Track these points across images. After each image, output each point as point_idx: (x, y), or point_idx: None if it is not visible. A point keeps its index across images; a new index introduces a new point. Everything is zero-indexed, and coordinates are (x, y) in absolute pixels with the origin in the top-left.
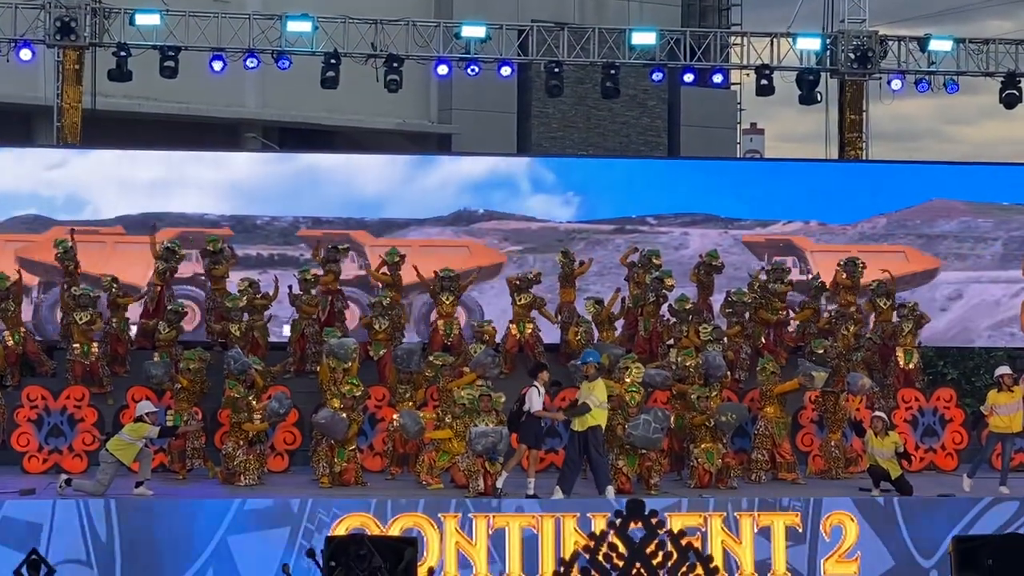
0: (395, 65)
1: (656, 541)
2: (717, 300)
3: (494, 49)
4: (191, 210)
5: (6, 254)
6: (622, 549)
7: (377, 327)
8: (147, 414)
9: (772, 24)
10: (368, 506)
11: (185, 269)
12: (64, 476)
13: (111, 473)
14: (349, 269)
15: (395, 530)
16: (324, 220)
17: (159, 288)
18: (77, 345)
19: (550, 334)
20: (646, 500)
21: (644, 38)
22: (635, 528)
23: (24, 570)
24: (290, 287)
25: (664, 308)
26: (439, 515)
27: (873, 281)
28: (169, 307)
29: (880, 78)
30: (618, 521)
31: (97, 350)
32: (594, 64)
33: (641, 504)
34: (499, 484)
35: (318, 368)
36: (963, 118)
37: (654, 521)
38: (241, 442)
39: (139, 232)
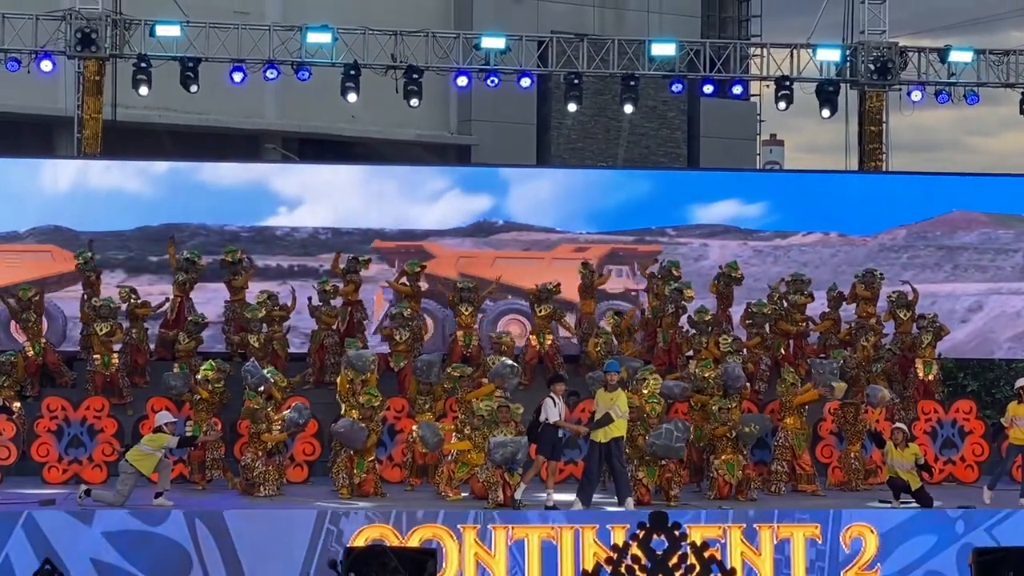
0: (414, 76)
1: (679, 553)
2: (737, 311)
3: (514, 60)
4: (211, 221)
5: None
6: (645, 561)
7: (397, 338)
8: (166, 424)
9: (792, 35)
10: (387, 517)
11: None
12: (84, 487)
13: (131, 484)
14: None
15: (414, 541)
16: (343, 231)
17: (179, 299)
18: (97, 356)
19: (569, 345)
20: (667, 512)
21: (664, 49)
22: (657, 540)
23: None
24: (309, 298)
25: (683, 319)
26: (458, 526)
27: (893, 292)
28: (189, 318)
29: (900, 89)
30: (641, 533)
31: (117, 361)
32: (613, 75)
33: (664, 516)
34: (518, 495)
35: (337, 379)
36: (984, 129)
37: (677, 533)
38: (260, 453)
39: (162, 243)
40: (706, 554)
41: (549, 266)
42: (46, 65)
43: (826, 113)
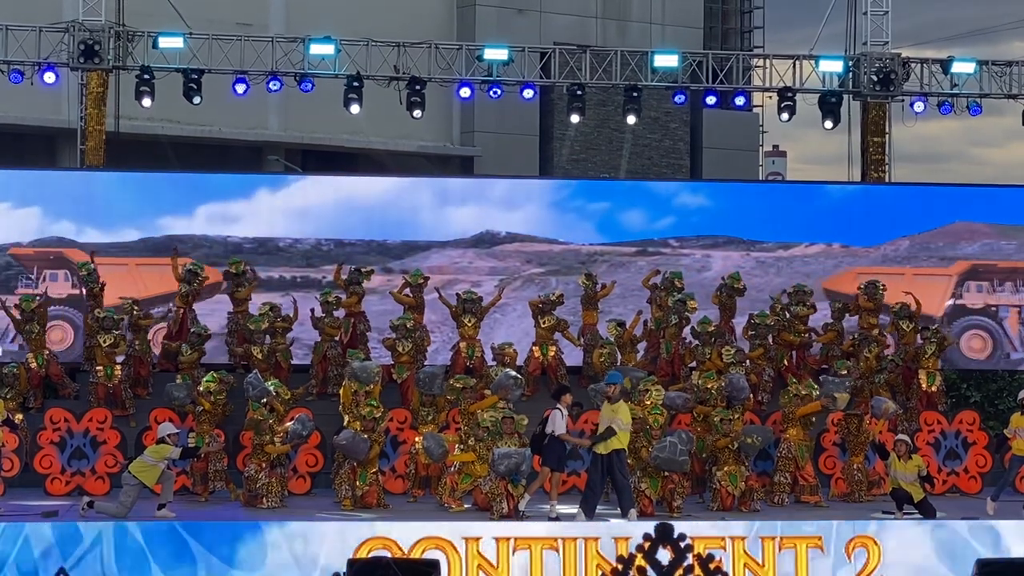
0: (417, 87)
1: (684, 565)
2: (739, 322)
3: (516, 71)
4: (213, 232)
5: None
6: (650, 573)
7: (400, 349)
8: (169, 436)
9: (794, 46)
10: (390, 529)
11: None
12: (87, 498)
13: (133, 495)
14: (62, 288)
15: (417, 553)
16: (346, 242)
17: (182, 310)
18: (100, 368)
19: (573, 356)
20: (673, 524)
21: (666, 60)
22: (663, 552)
23: None
24: (312, 310)
25: (686, 330)
26: (461, 538)
27: (896, 303)
28: (192, 329)
29: (903, 100)
30: (646, 545)
31: (120, 372)
32: (616, 86)
33: (670, 528)
34: (521, 507)
35: (340, 391)
36: (990, 140)
37: (682, 545)
38: (263, 464)
39: (164, 255)
40: (711, 566)
41: (911, 281)
42: (49, 77)
43: (829, 124)
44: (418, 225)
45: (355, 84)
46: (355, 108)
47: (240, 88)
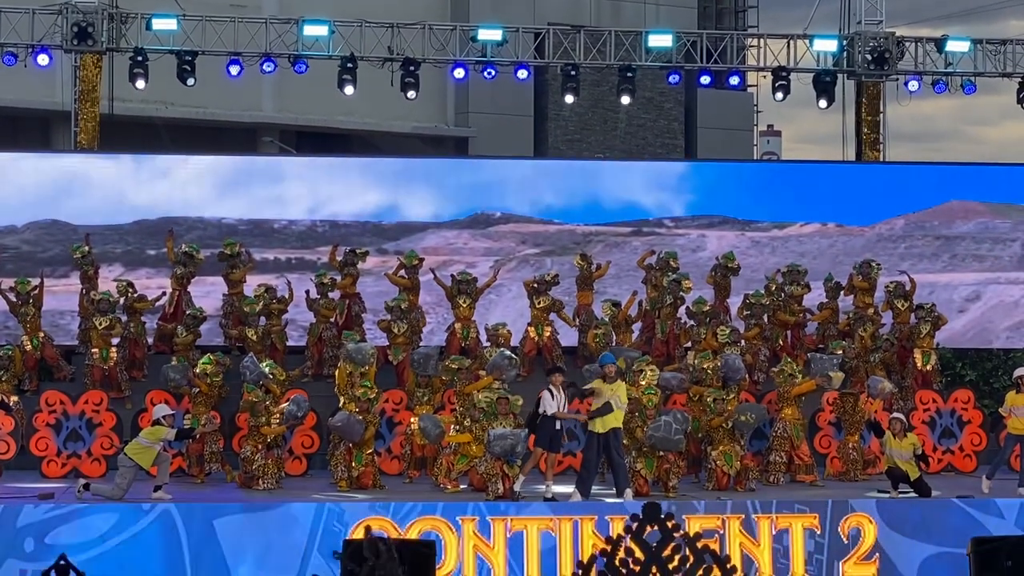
0: (411, 68)
1: (672, 545)
2: (734, 302)
3: (510, 52)
4: (208, 214)
5: None
6: (639, 554)
7: (396, 331)
8: (164, 417)
9: (788, 26)
10: (386, 509)
11: None
12: (83, 480)
13: (129, 477)
14: None
15: (413, 533)
16: (341, 223)
17: (176, 292)
18: (95, 350)
19: (568, 337)
20: (664, 503)
21: (660, 40)
22: (651, 532)
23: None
24: (307, 291)
25: (681, 311)
26: (457, 518)
27: (891, 282)
28: (187, 311)
29: (897, 79)
30: (634, 525)
31: (115, 355)
32: (610, 66)
33: (657, 507)
34: (517, 487)
35: (335, 372)
36: (985, 119)
37: (670, 524)
38: (259, 446)
39: (159, 237)
40: (699, 545)
41: None
42: (43, 59)
43: (823, 103)
44: (413, 206)
45: (349, 65)
46: (349, 89)
47: (234, 70)
